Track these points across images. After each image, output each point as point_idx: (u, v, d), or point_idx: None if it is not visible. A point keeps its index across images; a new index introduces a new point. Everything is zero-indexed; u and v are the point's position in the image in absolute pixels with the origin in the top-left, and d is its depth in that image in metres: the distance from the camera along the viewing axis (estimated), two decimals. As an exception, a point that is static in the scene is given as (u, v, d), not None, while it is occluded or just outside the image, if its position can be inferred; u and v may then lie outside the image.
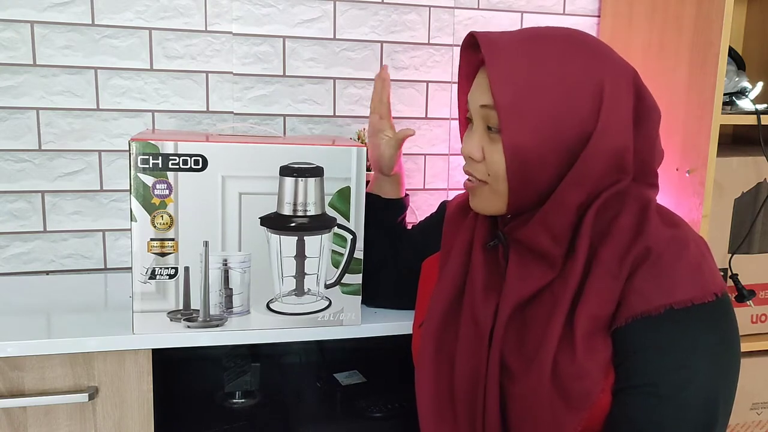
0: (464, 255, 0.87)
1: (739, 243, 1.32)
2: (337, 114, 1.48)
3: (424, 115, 1.53)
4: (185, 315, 1.02)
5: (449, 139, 1.56)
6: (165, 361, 1.13)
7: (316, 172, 1.03)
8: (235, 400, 1.29)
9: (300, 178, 1.02)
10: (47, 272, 1.38)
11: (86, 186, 1.37)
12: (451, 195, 1.50)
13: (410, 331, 1.07)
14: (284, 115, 1.45)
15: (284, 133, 1.45)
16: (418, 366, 0.86)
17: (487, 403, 0.78)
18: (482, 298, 0.82)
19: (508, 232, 0.82)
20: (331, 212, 1.05)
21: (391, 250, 1.13)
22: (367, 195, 1.10)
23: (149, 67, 1.37)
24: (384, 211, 1.15)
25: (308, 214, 1.04)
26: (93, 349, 1.01)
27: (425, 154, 1.55)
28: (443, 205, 1.10)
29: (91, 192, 1.38)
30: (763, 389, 1.37)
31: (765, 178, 1.32)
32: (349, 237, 1.06)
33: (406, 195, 1.19)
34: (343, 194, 1.04)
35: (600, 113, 0.74)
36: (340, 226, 1.06)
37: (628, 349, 0.72)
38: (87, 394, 1.00)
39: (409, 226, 1.20)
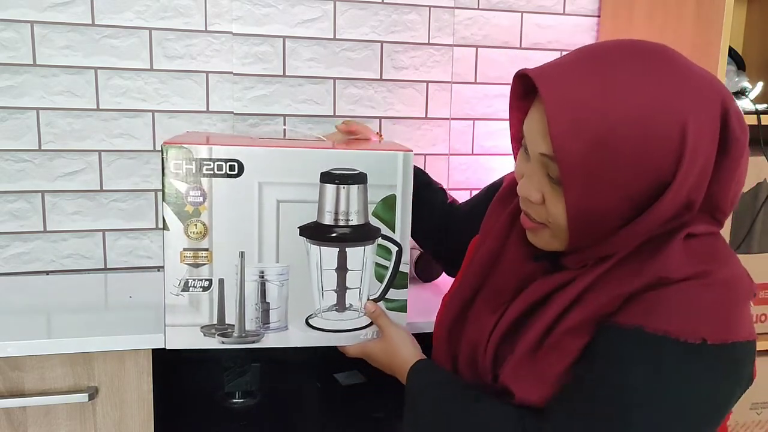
0: (501, 238, 0.85)
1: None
2: (337, 114, 1.48)
3: (424, 115, 1.53)
4: (219, 330, 0.95)
5: (449, 139, 1.56)
6: (165, 361, 1.12)
7: (359, 179, 0.95)
8: (235, 400, 1.29)
9: (342, 186, 0.95)
10: (47, 272, 1.38)
11: (86, 186, 1.37)
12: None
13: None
14: (284, 115, 1.45)
15: (284, 133, 1.45)
16: (435, 331, 0.89)
17: (484, 363, 0.81)
18: (517, 256, 0.81)
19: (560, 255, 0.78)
20: (375, 222, 0.97)
21: (444, 225, 1.10)
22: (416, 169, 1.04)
23: (149, 67, 1.37)
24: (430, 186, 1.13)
25: (350, 223, 0.96)
26: (93, 349, 1.01)
27: (425, 154, 1.55)
28: (491, 186, 1.04)
29: (91, 192, 1.38)
30: (763, 389, 1.37)
31: (765, 178, 1.32)
32: (394, 249, 0.98)
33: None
34: (388, 203, 0.96)
35: (680, 164, 0.65)
36: (385, 237, 0.98)
37: (595, 351, 0.70)
38: (87, 394, 1.00)
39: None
